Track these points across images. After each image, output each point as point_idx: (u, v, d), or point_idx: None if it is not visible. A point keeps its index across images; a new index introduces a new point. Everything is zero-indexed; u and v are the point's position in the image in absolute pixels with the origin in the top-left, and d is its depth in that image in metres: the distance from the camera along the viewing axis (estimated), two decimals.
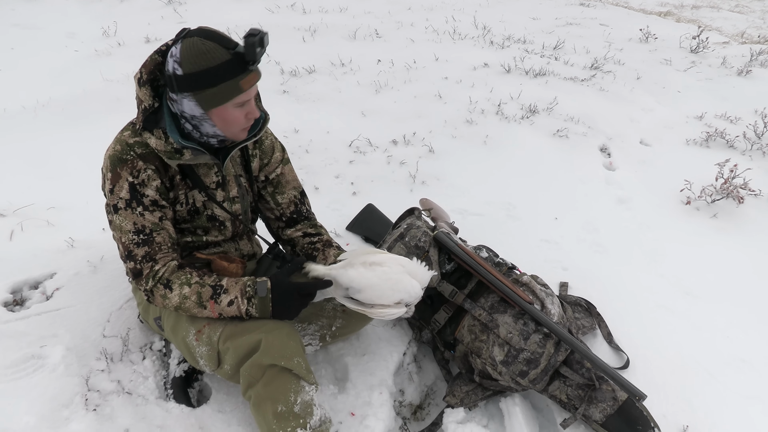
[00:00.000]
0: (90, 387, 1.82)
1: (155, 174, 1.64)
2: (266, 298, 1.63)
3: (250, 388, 1.62)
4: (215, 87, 1.53)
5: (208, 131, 1.64)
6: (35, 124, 3.50)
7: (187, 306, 1.64)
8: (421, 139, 3.54)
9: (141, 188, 1.62)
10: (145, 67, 1.59)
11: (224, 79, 1.52)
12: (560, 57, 5.13)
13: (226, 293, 1.64)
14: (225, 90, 1.54)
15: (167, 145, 1.61)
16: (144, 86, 1.59)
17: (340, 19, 5.72)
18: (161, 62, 1.60)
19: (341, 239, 2.65)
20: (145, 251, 1.64)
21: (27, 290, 2.21)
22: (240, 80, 1.54)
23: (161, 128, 1.61)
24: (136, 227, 1.63)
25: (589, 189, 3.26)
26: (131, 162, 1.61)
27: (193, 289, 1.64)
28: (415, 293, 1.71)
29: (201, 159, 1.66)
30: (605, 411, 1.92)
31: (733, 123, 4.18)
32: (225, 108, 1.57)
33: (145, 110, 1.60)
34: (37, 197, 2.69)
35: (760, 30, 7.63)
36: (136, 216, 1.63)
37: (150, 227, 1.64)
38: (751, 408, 2.10)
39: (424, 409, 2.13)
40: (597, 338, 2.28)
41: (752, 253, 2.90)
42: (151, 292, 1.66)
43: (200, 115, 1.60)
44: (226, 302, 1.63)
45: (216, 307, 1.63)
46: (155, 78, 1.61)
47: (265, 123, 1.79)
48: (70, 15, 5.55)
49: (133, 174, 1.61)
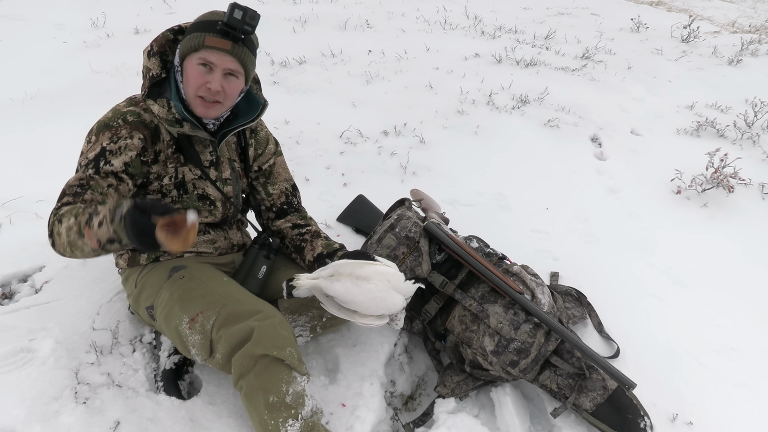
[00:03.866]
0: (80, 380, 1.81)
1: (139, 144, 1.67)
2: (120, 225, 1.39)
3: (242, 378, 1.63)
4: (190, 35, 1.64)
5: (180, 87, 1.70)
6: (23, 116, 3.46)
7: (72, 238, 1.50)
8: (411, 129, 3.53)
9: (110, 156, 1.63)
10: (156, 41, 1.70)
11: (199, 30, 1.63)
12: (551, 47, 5.12)
13: (96, 215, 1.44)
14: (193, 39, 1.63)
15: (169, 114, 1.67)
16: (154, 57, 1.68)
17: (331, 10, 5.68)
18: (173, 40, 1.71)
19: (332, 230, 2.65)
20: (66, 200, 1.58)
21: (16, 283, 2.20)
22: (207, 35, 1.61)
23: (165, 98, 1.68)
24: (80, 182, 1.60)
25: (580, 179, 3.27)
26: (116, 129, 1.65)
27: (77, 219, 1.48)
28: (398, 308, 1.75)
29: (198, 133, 1.71)
30: (595, 400, 1.93)
31: (724, 112, 4.19)
32: (190, 61, 1.64)
33: (152, 78, 1.67)
34: (25, 190, 2.66)
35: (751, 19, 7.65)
36: (86, 175, 1.61)
37: (90, 186, 1.59)
38: (740, 395, 2.12)
39: (415, 399, 2.14)
40: (587, 328, 2.29)
41: (742, 242, 2.91)
42: (51, 233, 1.57)
43: (177, 65, 1.68)
44: (97, 224, 1.43)
45: (90, 232, 1.45)
46: (164, 52, 1.70)
47: (264, 109, 1.83)
48: (58, 6, 5.48)
49: (112, 140, 1.64)
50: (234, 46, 1.62)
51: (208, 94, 1.65)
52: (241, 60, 1.65)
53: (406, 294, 1.77)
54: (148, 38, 4.62)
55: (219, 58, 1.62)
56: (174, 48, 1.72)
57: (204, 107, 1.68)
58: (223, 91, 1.66)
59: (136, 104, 1.72)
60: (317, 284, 1.70)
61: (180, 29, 1.72)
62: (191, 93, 1.67)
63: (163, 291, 1.79)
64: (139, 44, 4.50)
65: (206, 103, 1.68)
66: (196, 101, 1.68)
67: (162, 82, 1.70)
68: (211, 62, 1.62)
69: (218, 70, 1.63)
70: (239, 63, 1.65)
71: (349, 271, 1.70)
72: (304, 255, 1.95)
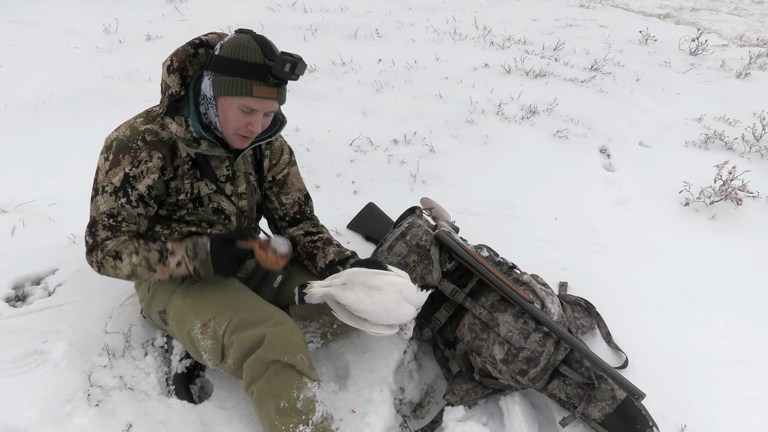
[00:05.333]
0: (92, 382, 1.83)
1: (159, 163, 1.67)
2: (206, 261, 1.68)
3: (253, 383, 1.63)
4: (231, 77, 1.57)
5: (211, 118, 1.69)
6: (36, 121, 3.50)
7: (139, 272, 1.69)
8: (421, 138, 3.55)
9: (134, 181, 1.66)
10: (177, 56, 1.65)
11: (242, 75, 1.56)
12: (560, 58, 5.15)
13: (172, 255, 1.69)
14: (237, 84, 1.57)
15: (187, 133, 1.65)
16: (173, 73, 1.64)
17: (341, 19, 5.72)
18: (193, 54, 1.67)
19: (342, 237, 2.66)
20: (107, 235, 1.69)
21: (29, 286, 2.21)
22: (254, 84, 1.57)
23: (183, 116, 1.66)
24: (112, 212, 1.68)
25: (589, 189, 3.28)
26: (135, 151, 1.65)
27: (141, 255, 1.68)
28: (409, 318, 1.76)
29: (215, 151, 1.70)
30: (604, 410, 1.93)
31: (732, 125, 4.20)
32: (230, 102, 1.60)
33: (171, 96, 1.64)
34: (38, 193, 2.69)
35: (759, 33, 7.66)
36: (117, 204, 1.67)
37: (124, 217, 1.69)
38: (748, 408, 2.11)
39: (424, 407, 2.14)
40: (596, 337, 2.30)
41: (750, 254, 2.91)
42: (102, 264, 1.71)
43: (210, 97, 1.65)
44: (174, 264, 1.68)
45: (165, 269, 1.69)
46: (184, 68, 1.66)
47: (282, 126, 1.83)
48: (70, 12, 5.56)
49: (134, 164, 1.65)
50: (279, 92, 1.62)
51: (249, 134, 1.66)
52: (282, 102, 1.66)
53: (417, 304, 1.78)
54: (160, 44, 4.69)
55: (264, 104, 1.61)
56: (194, 62, 1.68)
57: (242, 141, 1.70)
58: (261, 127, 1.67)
59: (154, 120, 1.69)
60: (329, 292, 1.71)
61: (201, 43, 1.68)
62: (230, 131, 1.66)
63: (175, 296, 1.80)
64: (151, 51, 4.57)
65: (244, 138, 1.69)
66: (235, 137, 1.68)
67: (180, 99, 1.68)
68: (255, 109, 1.61)
69: (260, 113, 1.63)
70: (279, 104, 1.67)
71: (361, 281, 1.70)
72: (316, 262, 1.96)
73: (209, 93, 1.64)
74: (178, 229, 1.81)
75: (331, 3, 6.17)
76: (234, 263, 1.72)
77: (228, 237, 1.72)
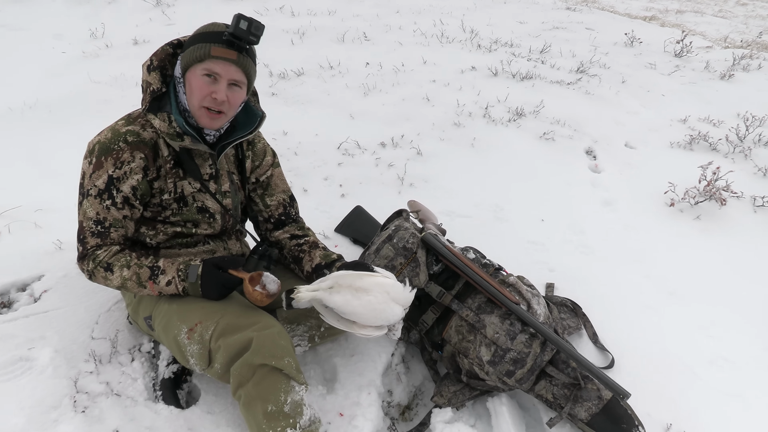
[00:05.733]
0: (78, 389, 1.82)
1: (141, 163, 1.69)
2: (195, 283, 1.72)
3: (241, 387, 1.63)
4: (193, 46, 1.64)
5: (183, 102, 1.71)
6: (22, 126, 3.49)
7: (129, 286, 1.73)
8: (409, 141, 3.56)
9: (118, 183, 1.68)
10: (156, 56, 1.70)
11: (203, 41, 1.63)
12: (547, 60, 5.18)
13: (163, 274, 1.72)
14: (197, 50, 1.63)
15: (170, 128, 1.68)
16: (154, 71, 1.68)
17: (329, 22, 5.73)
18: (172, 54, 1.71)
19: (330, 241, 2.67)
20: (96, 243, 1.72)
21: (15, 292, 2.20)
22: (212, 45, 1.62)
23: (166, 112, 1.69)
24: (98, 217, 1.71)
25: (575, 191, 3.30)
26: (117, 152, 1.66)
27: (132, 270, 1.72)
28: (397, 319, 1.76)
29: (199, 146, 1.72)
30: (590, 410, 1.94)
31: (716, 126, 4.24)
32: (194, 72, 1.65)
33: (152, 92, 1.68)
34: (24, 199, 2.68)
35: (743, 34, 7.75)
36: (102, 208, 1.70)
37: (110, 222, 1.72)
38: (733, 405, 2.13)
39: (412, 409, 2.15)
40: (583, 338, 2.31)
41: (734, 253, 2.94)
42: (93, 273, 1.75)
43: (179, 76, 1.69)
44: (164, 282, 1.72)
45: (155, 287, 1.73)
46: (164, 66, 1.71)
47: (262, 120, 1.84)
48: (57, 16, 5.52)
49: (116, 165, 1.67)
50: (239, 56, 1.64)
51: (214, 104, 1.66)
52: (246, 70, 1.67)
53: (404, 304, 1.78)
54: (147, 49, 4.68)
55: (225, 68, 1.63)
56: (173, 62, 1.72)
57: (209, 118, 1.69)
58: (228, 101, 1.67)
59: (134, 121, 1.71)
60: (317, 296, 1.71)
61: (179, 43, 1.73)
62: (196, 104, 1.67)
63: (161, 301, 1.80)
64: (138, 55, 4.55)
65: (211, 113, 1.68)
66: (201, 112, 1.68)
67: (162, 96, 1.71)
68: (216, 73, 1.62)
69: (223, 81, 1.64)
70: (244, 73, 1.67)
71: (348, 283, 1.71)
72: (303, 266, 1.97)
73: (179, 72, 1.69)
74: (163, 230, 1.82)
75: (318, 6, 6.19)
76: (222, 289, 1.75)
77: (220, 263, 1.74)
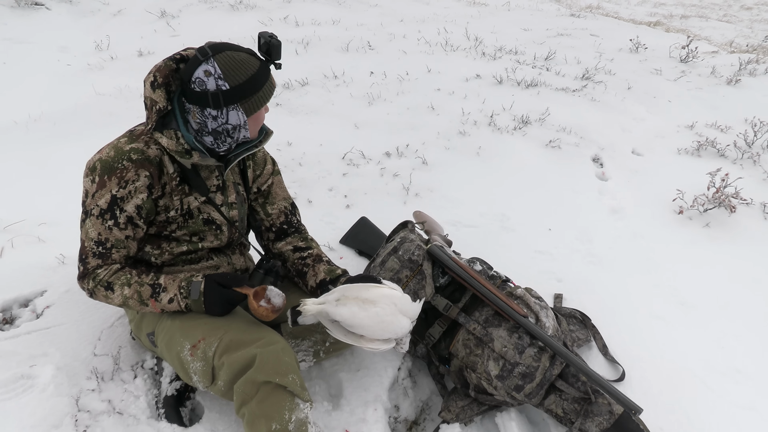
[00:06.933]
0: (80, 407, 1.80)
1: (146, 182, 1.66)
2: (198, 300, 1.69)
3: (244, 405, 1.60)
4: (259, 92, 1.64)
5: (239, 137, 1.71)
6: (27, 139, 3.48)
7: (131, 304, 1.71)
8: (414, 151, 3.54)
9: (121, 203, 1.65)
10: (160, 72, 1.64)
11: (262, 82, 1.64)
12: (552, 68, 5.15)
13: (165, 292, 1.70)
14: (265, 92, 1.66)
15: (178, 145, 1.65)
16: (159, 89, 1.63)
17: (333, 32, 5.73)
18: (175, 69, 1.67)
19: (335, 252, 2.64)
20: (97, 263, 1.70)
21: (17, 308, 2.19)
22: (271, 79, 1.67)
23: (173, 129, 1.66)
24: (100, 238, 1.68)
25: (582, 199, 3.27)
26: (121, 171, 1.63)
27: (133, 288, 1.69)
28: (405, 331, 1.73)
29: (208, 161, 1.71)
30: (601, 425, 1.90)
31: (724, 132, 4.20)
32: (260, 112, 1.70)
33: (159, 111, 1.64)
34: (28, 213, 2.67)
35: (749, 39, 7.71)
36: (104, 228, 1.67)
37: (112, 243, 1.69)
38: (747, 418, 2.09)
39: (419, 424, 2.11)
40: (592, 350, 2.28)
41: (745, 261, 2.90)
42: (93, 292, 1.72)
43: (243, 123, 1.67)
44: (167, 300, 1.70)
45: (157, 304, 1.71)
46: (168, 83, 1.66)
47: (268, 136, 1.85)
48: (62, 29, 5.54)
49: (120, 185, 1.64)
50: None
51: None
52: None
53: (412, 317, 1.75)
54: (152, 60, 4.68)
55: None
56: (176, 77, 1.66)
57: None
58: None
59: (138, 138, 1.68)
60: (323, 309, 1.69)
61: (182, 58, 1.67)
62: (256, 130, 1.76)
63: (164, 317, 1.78)
64: (143, 67, 4.55)
65: None
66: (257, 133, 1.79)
67: (166, 114, 1.68)
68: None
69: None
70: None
71: (355, 295, 1.69)
72: (307, 280, 1.94)
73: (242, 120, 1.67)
74: (168, 249, 1.79)
75: (322, 16, 6.19)
76: (226, 305, 1.73)
77: (223, 281, 1.72)
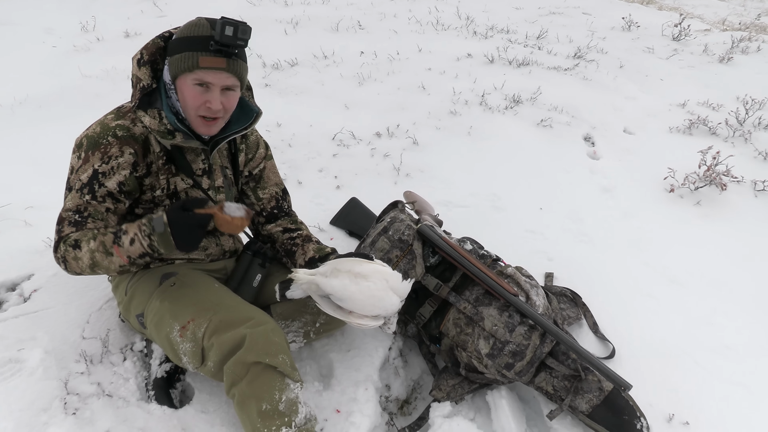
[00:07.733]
0: (69, 390, 1.78)
1: (130, 159, 1.64)
2: (165, 233, 1.53)
3: (234, 386, 1.60)
4: (180, 54, 1.58)
5: (177, 106, 1.67)
6: (12, 122, 3.44)
7: (98, 259, 1.58)
8: (404, 131, 3.51)
9: (103, 178, 1.62)
10: (147, 49, 1.64)
11: (189, 48, 1.57)
12: (543, 46, 5.12)
13: (125, 234, 1.56)
14: (185, 59, 1.58)
15: (161, 125, 1.63)
16: (144, 66, 1.63)
17: (323, 11, 5.66)
18: (163, 47, 1.65)
19: (325, 233, 2.63)
20: (71, 230, 1.62)
21: (4, 292, 2.16)
22: (200, 55, 1.57)
23: (156, 108, 1.64)
24: (78, 208, 1.63)
25: (574, 178, 3.26)
26: (105, 147, 1.62)
27: (98, 240, 1.58)
28: (394, 309, 1.72)
29: (191, 143, 1.68)
30: (591, 402, 1.91)
31: (716, 110, 4.19)
32: (185, 81, 1.60)
33: (143, 89, 1.62)
34: (14, 197, 2.63)
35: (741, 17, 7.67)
36: (83, 202, 1.63)
37: (90, 212, 1.63)
38: (736, 394, 2.11)
39: (410, 403, 2.12)
40: (583, 328, 2.28)
41: (735, 239, 2.91)
42: (64, 259, 1.62)
43: (169, 83, 1.64)
44: (128, 242, 1.55)
45: (121, 250, 1.56)
46: (155, 60, 1.65)
47: (258, 117, 1.81)
48: (47, 10, 5.45)
49: (103, 160, 1.62)
50: (229, 62, 1.59)
51: (209, 113, 1.63)
52: (237, 74, 1.62)
53: (402, 295, 1.74)
54: (139, 42, 4.62)
55: (215, 76, 1.58)
56: (164, 55, 1.66)
57: (206, 126, 1.67)
58: (223, 108, 1.64)
59: (125, 116, 1.67)
60: (314, 279, 1.67)
61: (170, 35, 1.66)
62: (191, 113, 1.64)
63: (153, 298, 1.76)
64: (130, 48, 4.49)
65: (207, 121, 1.66)
66: (198, 121, 1.65)
67: (152, 92, 1.66)
68: (207, 82, 1.58)
69: (216, 89, 1.60)
70: (236, 77, 1.63)
71: (347, 268, 1.68)
72: (295, 259, 1.93)
73: (168, 78, 1.64)
74: None
75: None
76: (196, 231, 1.55)
77: (184, 205, 1.56)
